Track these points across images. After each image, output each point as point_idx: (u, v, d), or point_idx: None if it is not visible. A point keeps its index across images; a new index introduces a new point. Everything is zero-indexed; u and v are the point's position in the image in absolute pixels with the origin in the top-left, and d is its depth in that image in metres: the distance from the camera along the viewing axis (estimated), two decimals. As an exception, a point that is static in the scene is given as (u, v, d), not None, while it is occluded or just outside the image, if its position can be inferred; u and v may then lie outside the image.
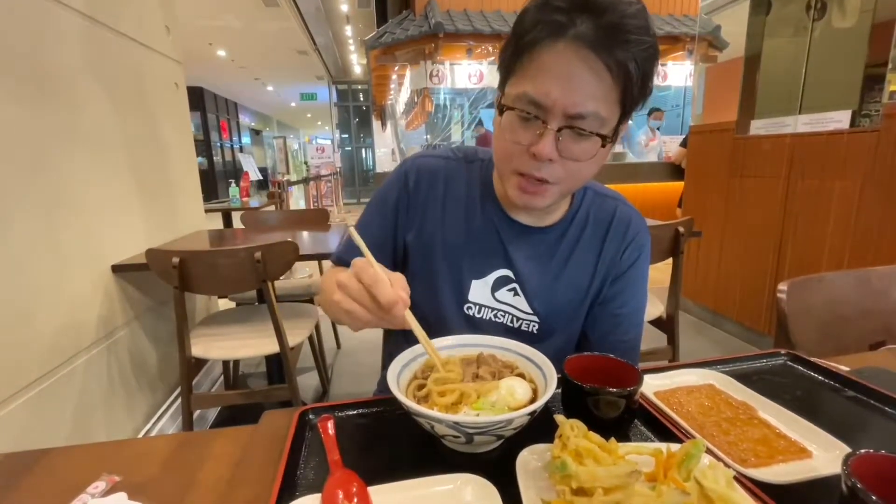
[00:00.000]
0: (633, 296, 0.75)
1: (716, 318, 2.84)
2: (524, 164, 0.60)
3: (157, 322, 1.85)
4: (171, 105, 2.08)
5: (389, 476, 0.43)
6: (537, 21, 0.55)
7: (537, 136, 0.57)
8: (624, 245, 0.73)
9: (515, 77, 0.58)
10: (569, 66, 0.54)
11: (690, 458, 0.39)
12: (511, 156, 0.61)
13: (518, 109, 0.58)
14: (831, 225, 2.09)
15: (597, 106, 0.55)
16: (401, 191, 0.74)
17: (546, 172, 0.59)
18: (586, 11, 0.53)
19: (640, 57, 0.54)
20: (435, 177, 0.74)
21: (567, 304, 0.73)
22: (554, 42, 0.54)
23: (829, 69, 2.37)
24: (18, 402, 1.14)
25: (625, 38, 0.52)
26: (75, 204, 1.39)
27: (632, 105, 0.58)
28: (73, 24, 1.44)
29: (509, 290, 0.72)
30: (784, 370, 0.66)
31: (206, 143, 11.49)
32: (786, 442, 0.47)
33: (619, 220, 0.74)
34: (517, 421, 0.43)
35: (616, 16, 0.52)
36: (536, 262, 0.72)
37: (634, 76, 0.54)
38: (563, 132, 0.56)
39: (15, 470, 0.49)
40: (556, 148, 0.57)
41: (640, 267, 0.75)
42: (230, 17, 6.87)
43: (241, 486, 0.46)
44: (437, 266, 0.73)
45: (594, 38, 0.52)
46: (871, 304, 0.95)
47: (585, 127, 0.56)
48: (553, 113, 0.56)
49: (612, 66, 0.53)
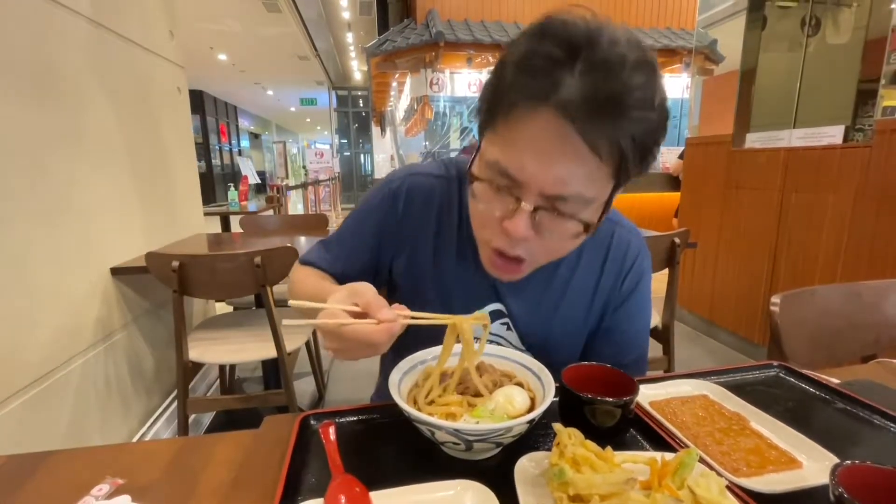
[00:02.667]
0: (635, 321, 0.71)
1: (711, 328, 2.86)
2: (496, 238, 0.53)
3: (154, 325, 1.85)
4: (172, 109, 2.10)
5: (390, 482, 0.44)
6: (516, 78, 0.46)
7: (511, 210, 0.49)
8: (623, 273, 0.69)
9: (490, 135, 0.50)
10: (549, 140, 0.45)
11: (684, 467, 0.40)
12: (483, 227, 0.55)
13: (487, 180, 0.50)
14: (824, 238, 2.12)
15: (581, 187, 0.47)
16: (388, 213, 0.68)
17: (520, 250, 0.53)
18: (579, 67, 0.43)
19: (640, 133, 0.45)
20: (428, 202, 0.68)
21: (562, 336, 0.69)
22: (534, 108, 0.45)
23: (823, 84, 2.42)
24: (15, 404, 1.14)
25: (621, 113, 0.43)
26: (76, 206, 1.40)
27: (627, 178, 0.49)
28: (78, 28, 1.45)
29: (502, 323, 0.69)
30: (776, 381, 0.67)
31: (205, 146, 11.51)
32: (777, 452, 0.48)
33: (616, 246, 0.68)
34: (516, 429, 0.44)
35: (616, 84, 0.43)
36: (529, 296, 0.67)
37: (630, 154, 0.45)
38: (540, 212, 0.49)
39: (19, 472, 0.50)
40: (532, 226, 0.50)
41: (640, 292, 0.71)
42: (231, 22, 6.92)
43: (244, 490, 0.46)
44: (428, 296, 0.68)
45: (583, 109, 0.43)
46: (862, 317, 0.97)
47: (566, 210, 0.48)
48: (528, 190, 0.48)
49: (602, 145, 0.44)
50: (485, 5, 6.10)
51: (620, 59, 0.43)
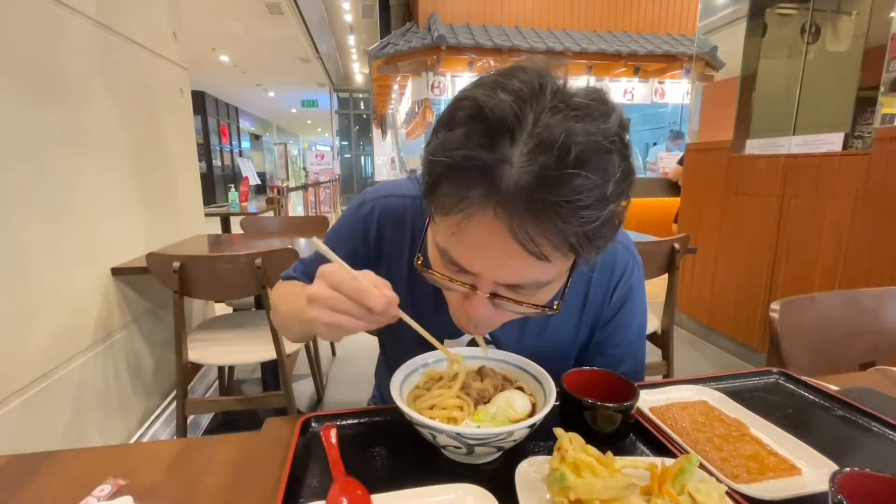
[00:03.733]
0: (626, 334, 0.69)
1: (710, 334, 2.86)
2: (458, 313, 0.52)
3: (153, 326, 1.84)
4: (175, 110, 2.10)
5: (391, 485, 0.44)
6: (449, 179, 0.41)
7: (468, 294, 0.47)
8: (611, 289, 0.66)
9: (436, 224, 0.47)
10: (494, 242, 0.41)
11: (684, 473, 0.40)
12: (446, 296, 0.54)
13: (443, 269, 0.48)
14: (824, 244, 2.13)
15: (536, 276, 0.45)
16: (360, 239, 0.66)
17: (483, 329, 0.53)
18: (518, 159, 0.38)
19: (592, 229, 0.39)
20: (401, 224, 0.65)
21: (551, 357, 0.65)
22: (473, 211, 0.41)
23: (823, 92, 2.43)
24: (14, 403, 1.13)
25: (569, 216, 0.38)
26: (78, 206, 1.40)
27: (585, 257, 0.44)
28: (83, 29, 1.46)
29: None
30: (776, 388, 0.67)
31: (206, 146, 11.54)
32: (776, 459, 0.48)
33: (603, 261, 0.64)
34: (518, 433, 0.45)
35: (559, 184, 0.37)
36: (513, 322, 0.61)
37: (584, 248, 0.41)
38: (496, 297, 0.46)
39: (20, 472, 0.50)
40: (492, 305, 0.48)
41: (631, 305, 0.68)
42: (234, 24, 6.94)
43: (245, 492, 0.47)
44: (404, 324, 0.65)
45: (526, 212, 0.38)
46: (861, 324, 0.97)
47: (525, 293, 0.46)
48: (482, 281, 0.46)
49: (550, 250, 0.40)
50: (487, 9, 6.13)
51: (565, 150, 0.37)
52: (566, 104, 0.39)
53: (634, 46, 5.67)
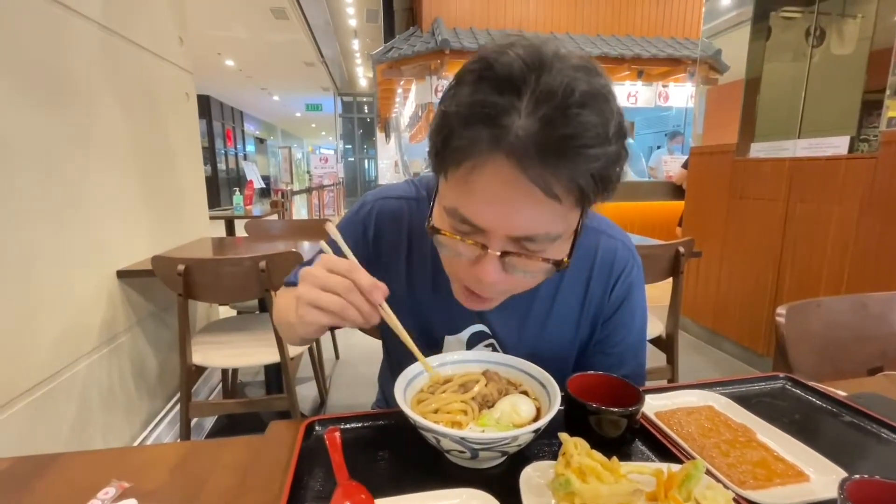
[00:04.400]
0: (627, 333, 0.69)
1: (715, 338, 2.84)
2: (467, 279, 0.52)
3: (157, 328, 1.85)
4: (181, 114, 2.12)
5: (395, 489, 0.44)
6: (460, 130, 0.43)
7: (478, 255, 0.48)
8: (611, 285, 0.66)
9: (447, 183, 0.48)
10: (504, 189, 0.43)
11: (690, 479, 0.40)
12: (452, 267, 0.54)
13: (450, 229, 0.49)
14: (829, 249, 2.11)
15: (546, 228, 0.46)
16: (359, 239, 0.67)
17: (490, 292, 0.53)
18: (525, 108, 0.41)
19: (598, 168, 0.42)
20: (398, 224, 0.66)
21: (551, 354, 0.66)
22: (483, 159, 0.43)
23: (828, 95, 2.42)
24: (20, 405, 1.14)
25: (575, 154, 0.41)
26: (84, 209, 1.41)
27: (592, 204, 0.48)
28: (90, 33, 1.47)
29: (486, 345, 0.67)
30: (782, 393, 0.67)
31: (211, 150, 11.60)
32: (784, 465, 0.48)
33: (603, 257, 0.65)
34: (522, 438, 0.44)
35: (566, 123, 0.40)
36: (513, 316, 0.65)
37: (590, 190, 0.43)
38: (508, 256, 0.47)
39: (26, 473, 0.50)
40: (502, 269, 0.48)
41: (632, 302, 0.68)
42: (240, 28, 6.99)
43: (249, 495, 0.47)
44: (406, 322, 0.61)
45: (533, 155, 0.41)
46: (868, 329, 0.96)
47: (535, 249, 0.47)
48: (493, 236, 0.46)
49: (560, 189, 0.42)
50: (490, 13, 6.15)
51: (568, 93, 0.40)
52: (564, 63, 0.43)
53: (638, 50, 5.67)
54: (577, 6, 6.11)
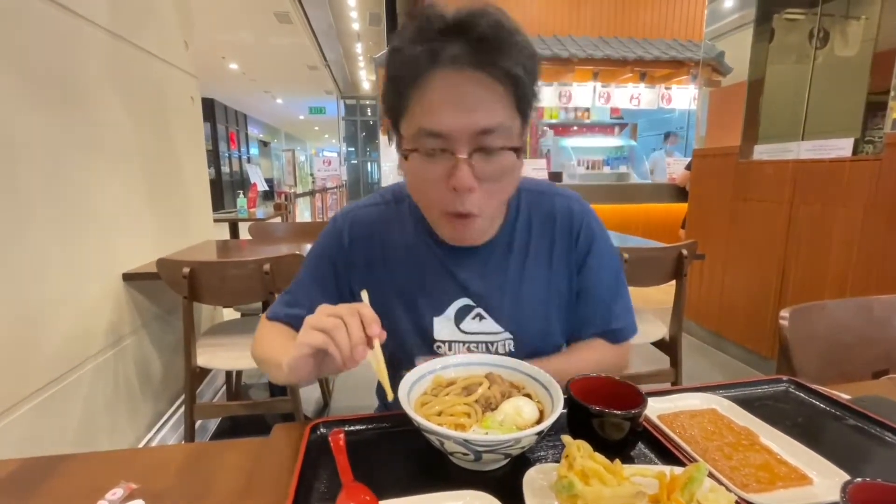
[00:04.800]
0: (603, 275, 0.73)
1: (719, 341, 2.83)
2: (446, 202, 0.58)
3: (162, 331, 1.86)
4: (186, 118, 2.14)
5: (399, 491, 0.44)
6: (410, 58, 0.53)
7: (450, 168, 0.55)
8: (574, 235, 0.72)
9: (406, 117, 0.56)
10: (456, 88, 0.52)
11: (693, 482, 0.40)
12: (430, 198, 0.60)
13: (421, 149, 0.55)
14: (834, 251, 2.10)
15: (500, 116, 0.54)
16: (337, 250, 0.73)
17: (469, 205, 0.57)
18: (454, 33, 0.52)
19: (524, 57, 0.53)
20: (370, 229, 0.72)
21: (534, 310, 0.71)
22: (433, 71, 0.52)
23: (832, 96, 2.41)
24: (27, 407, 1.15)
25: (500, 44, 0.52)
26: (91, 212, 1.42)
27: (527, 109, 0.58)
28: (98, 39, 1.49)
29: (474, 317, 0.70)
30: (786, 396, 0.67)
31: (215, 153, 11.64)
32: (787, 468, 0.48)
33: (561, 216, 0.72)
34: (525, 440, 0.45)
35: (485, 27, 0.51)
36: (491, 280, 0.70)
37: (524, 79, 0.54)
38: (475, 156, 0.54)
39: (34, 475, 0.51)
40: (474, 175, 0.55)
41: (598, 248, 0.73)
42: (244, 32, 7.04)
43: (255, 497, 0.47)
44: (395, 313, 0.70)
45: (472, 54, 0.51)
46: (873, 332, 0.96)
47: (495, 143, 0.54)
48: (458, 140, 0.53)
49: (500, 75, 0.52)
50: (493, 17, 6.16)
51: (491, 15, 0.53)
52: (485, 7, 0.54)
53: (640, 52, 5.67)
54: (578, 8, 6.12)
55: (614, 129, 8.08)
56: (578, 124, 8.08)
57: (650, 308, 1.96)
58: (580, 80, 5.84)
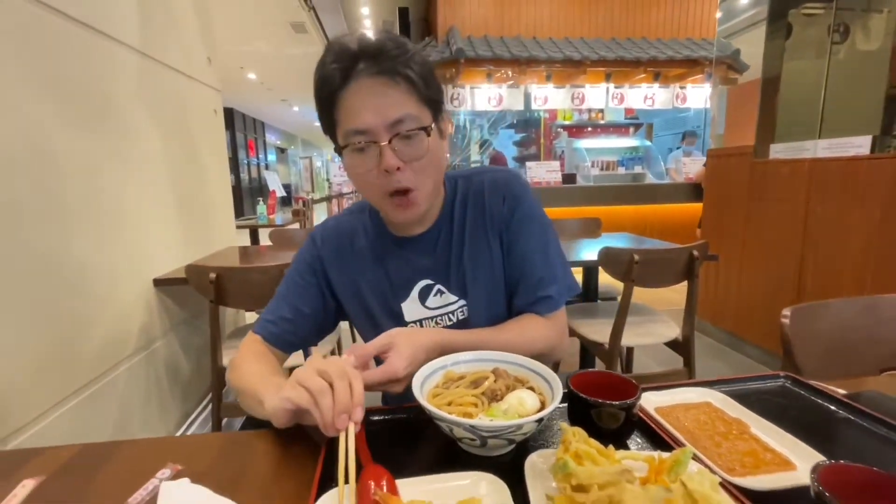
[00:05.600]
0: (530, 241, 0.79)
1: (735, 342, 2.81)
2: (382, 183, 0.69)
3: (190, 334, 1.96)
4: (209, 130, 2.24)
5: (413, 473, 0.49)
6: (328, 77, 0.67)
7: (377, 156, 0.67)
8: (499, 199, 0.80)
9: (338, 126, 0.69)
10: (368, 92, 0.66)
11: (679, 464, 0.44)
12: (370, 184, 0.70)
13: (352, 144, 0.68)
14: (851, 251, 2.08)
15: (406, 108, 0.67)
16: (315, 253, 0.83)
17: (404, 181, 0.69)
18: (360, 56, 0.66)
19: (414, 65, 0.67)
20: (339, 233, 0.84)
21: (478, 278, 0.79)
22: (348, 84, 0.66)
23: (851, 93, 2.38)
24: (71, 404, 1.24)
25: (394, 55, 0.66)
26: (125, 221, 1.52)
27: (433, 102, 0.70)
28: (129, 60, 1.59)
29: (434, 293, 0.81)
30: (782, 391, 0.69)
31: (234, 161, 11.93)
32: (773, 455, 0.51)
33: (489, 187, 0.82)
34: (526, 427, 0.49)
35: (380, 46, 0.66)
36: (441, 257, 0.80)
37: (417, 79, 0.67)
38: (394, 141, 0.67)
39: (94, 458, 0.58)
40: (397, 156, 0.67)
41: (523, 211, 0.80)
42: (261, 43, 7.23)
43: (285, 478, 0.53)
44: (370, 306, 0.82)
45: (375, 67, 0.66)
46: (879, 331, 0.97)
47: (408, 128, 0.67)
48: (378, 132, 0.66)
49: (398, 78, 0.66)
50: (504, 21, 6.21)
51: (385, 37, 0.67)
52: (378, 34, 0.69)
53: (654, 52, 5.64)
54: (590, 11, 6.12)
55: (629, 129, 8.03)
56: (592, 125, 8.04)
57: (664, 309, 1.97)
58: (593, 81, 5.83)
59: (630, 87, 5.85)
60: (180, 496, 0.49)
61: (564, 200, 4.41)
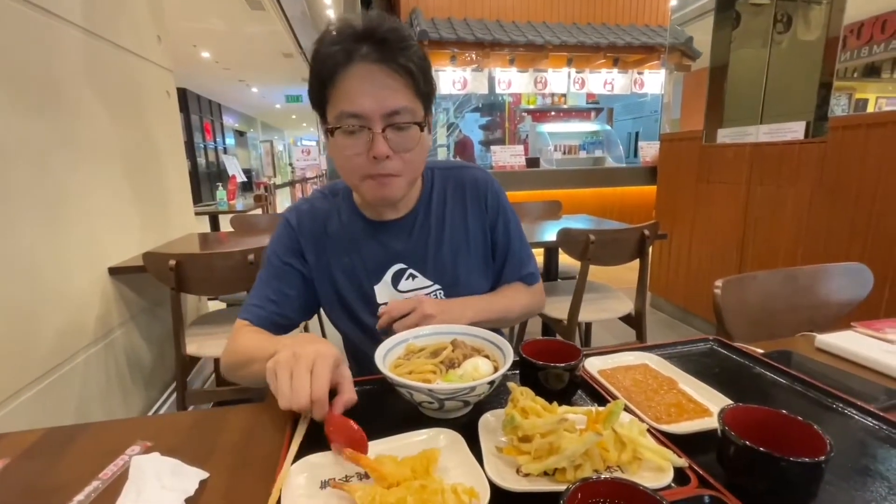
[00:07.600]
0: (512, 234, 0.91)
1: (685, 315, 3.00)
2: (368, 167, 0.71)
3: (150, 322, 1.91)
4: (163, 112, 2.15)
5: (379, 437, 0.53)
6: (329, 56, 0.67)
7: (369, 142, 0.69)
8: (482, 198, 0.89)
9: (330, 104, 0.70)
10: (368, 79, 0.67)
11: (612, 415, 0.50)
12: (355, 166, 0.72)
13: (343, 127, 0.69)
14: (785, 228, 2.26)
15: (404, 100, 0.69)
16: (290, 237, 0.85)
17: (388, 168, 0.71)
18: (364, 39, 0.67)
19: (415, 58, 0.69)
20: (314, 217, 0.86)
21: (455, 264, 0.86)
22: (349, 66, 0.67)
23: (790, 81, 2.54)
24: (25, 396, 1.21)
25: (398, 45, 0.67)
26: (75, 208, 1.46)
27: (426, 97, 0.73)
28: (73, 38, 1.51)
29: (407, 277, 0.85)
30: (710, 353, 0.78)
31: (190, 144, 11.35)
32: (695, 406, 0.59)
33: (470, 184, 0.89)
34: (479, 388, 0.54)
35: (385, 31, 0.67)
36: (416, 244, 0.85)
37: (417, 73, 0.69)
38: (388, 131, 0.69)
39: (60, 440, 0.59)
40: (388, 145, 0.69)
41: (504, 210, 0.90)
42: (215, 20, 6.87)
43: (256, 448, 0.56)
44: (340, 288, 0.85)
45: (378, 54, 0.67)
46: (798, 299, 1.09)
47: (403, 120, 0.69)
48: (373, 119, 0.68)
49: (399, 69, 0.67)
50: (467, 4, 6.17)
51: (391, 25, 0.68)
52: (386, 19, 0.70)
53: (613, 38, 5.77)
54: (553, -6, 6.16)
55: (591, 113, 8.21)
56: (555, 109, 8.17)
57: (621, 287, 2.08)
58: (555, 66, 5.91)
59: (590, 73, 5.98)
60: (151, 469, 0.51)
61: (528, 184, 4.51)
